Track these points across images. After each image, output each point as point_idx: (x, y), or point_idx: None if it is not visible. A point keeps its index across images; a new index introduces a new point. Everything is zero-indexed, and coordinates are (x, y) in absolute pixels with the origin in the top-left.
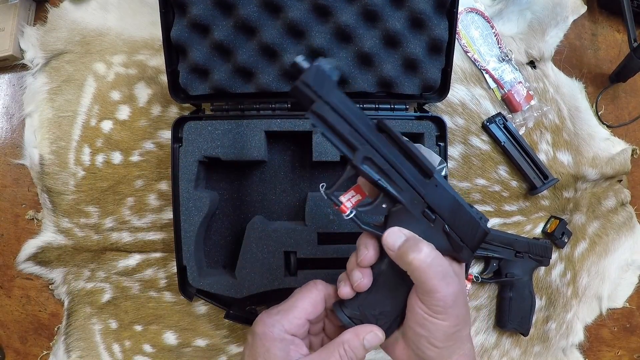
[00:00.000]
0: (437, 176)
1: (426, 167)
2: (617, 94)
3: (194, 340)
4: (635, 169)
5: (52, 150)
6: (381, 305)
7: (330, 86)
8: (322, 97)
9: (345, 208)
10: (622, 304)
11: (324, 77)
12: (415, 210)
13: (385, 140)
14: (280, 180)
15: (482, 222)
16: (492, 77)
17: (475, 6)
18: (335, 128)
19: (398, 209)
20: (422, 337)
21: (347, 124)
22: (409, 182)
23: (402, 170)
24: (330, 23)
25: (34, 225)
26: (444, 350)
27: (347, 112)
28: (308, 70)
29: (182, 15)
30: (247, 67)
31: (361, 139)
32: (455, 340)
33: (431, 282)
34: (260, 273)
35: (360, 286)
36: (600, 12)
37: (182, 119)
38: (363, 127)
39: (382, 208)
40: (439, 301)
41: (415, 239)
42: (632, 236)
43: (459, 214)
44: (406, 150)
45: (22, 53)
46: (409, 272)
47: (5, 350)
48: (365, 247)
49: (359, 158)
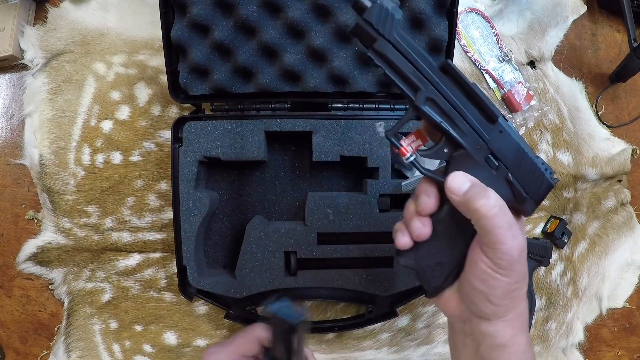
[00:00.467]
0: (501, 121)
1: (491, 111)
2: (617, 94)
3: (194, 340)
4: (635, 169)
5: (52, 150)
6: (438, 256)
7: (393, 24)
8: (384, 35)
9: (405, 151)
10: (622, 304)
11: (387, 15)
12: (478, 156)
13: (449, 81)
14: (280, 180)
15: (547, 174)
16: (492, 77)
17: (475, 6)
18: (397, 67)
19: (460, 154)
20: (480, 293)
21: (410, 64)
22: (472, 126)
23: (466, 113)
24: (330, 23)
25: (34, 225)
26: (500, 309)
27: (410, 51)
28: (371, 8)
29: (182, 15)
30: (247, 67)
31: (424, 79)
32: (512, 299)
33: (498, 231)
34: (260, 273)
35: (421, 235)
36: (600, 12)
37: (182, 119)
38: (426, 67)
39: (444, 152)
40: (505, 254)
41: (480, 185)
42: (632, 236)
43: (524, 163)
44: (471, 93)
45: (22, 53)
46: (474, 220)
47: (5, 350)
48: (426, 195)
49: (422, 99)
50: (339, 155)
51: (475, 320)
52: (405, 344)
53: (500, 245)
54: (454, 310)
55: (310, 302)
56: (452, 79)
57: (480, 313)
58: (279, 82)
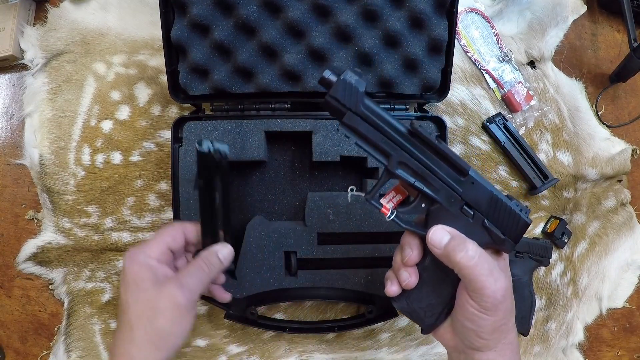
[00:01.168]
0: (472, 174)
1: (461, 166)
2: (617, 94)
3: (194, 340)
4: (635, 169)
5: (52, 150)
6: (427, 299)
7: (359, 97)
8: (351, 109)
9: (386, 210)
10: (622, 304)
11: (351, 89)
12: (453, 207)
13: (418, 144)
14: (280, 180)
15: (522, 214)
16: (492, 77)
17: (475, 6)
18: (367, 137)
19: (436, 207)
20: (470, 330)
21: (379, 132)
22: (444, 182)
23: (437, 171)
24: (330, 23)
25: (34, 225)
26: (490, 342)
27: (378, 120)
28: (335, 84)
29: (182, 15)
30: (247, 67)
31: (393, 145)
32: (500, 332)
33: (480, 278)
34: (260, 273)
35: (409, 285)
36: (600, 12)
37: (182, 119)
38: (395, 133)
39: (422, 207)
40: (489, 297)
41: (460, 237)
42: (632, 236)
43: (498, 208)
44: (440, 152)
45: (22, 53)
46: (457, 270)
47: (5, 350)
48: (409, 247)
49: (394, 163)
50: (339, 155)
51: (469, 351)
52: (405, 344)
53: (484, 290)
54: (450, 342)
55: (310, 302)
56: (421, 141)
57: (472, 346)
58: (279, 82)
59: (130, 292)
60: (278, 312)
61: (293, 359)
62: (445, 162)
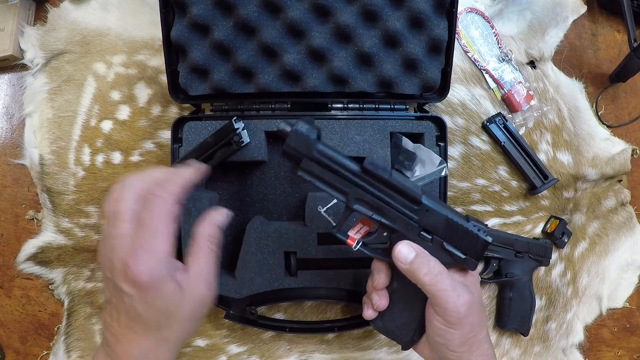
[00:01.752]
0: (425, 201)
1: (413, 196)
2: (617, 94)
3: (194, 340)
4: (635, 169)
5: (52, 150)
6: (400, 318)
7: (311, 144)
8: (306, 155)
9: (351, 242)
10: (622, 304)
11: (303, 138)
12: (411, 234)
13: (371, 180)
14: (280, 180)
15: (480, 234)
16: (492, 77)
17: (475, 6)
18: (323, 179)
19: (397, 234)
20: (441, 344)
21: (334, 173)
22: (400, 212)
23: (392, 202)
24: (330, 23)
25: (34, 225)
26: (463, 354)
27: (331, 163)
28: (290, 135)
29: (182, 15)
30: (247, 67)
31: (348, 183)
32: (471, 345)
33: (443, 294)
34: (260, 273)
35: (380, 307)
36: (600, 12)
37: (182, 119)
38: (348, 173)
39: (384, 236)
40: (452, 312)
41: (424, 254)
42: (632, 236)
43: (455, 231)
44: (392, 185)
45: (22, 53)
46: (421, 286)
47: (5, 350)
48: (377, 272)
49: (352, 200)
50: None
51: None
52: None
53: (447, 305)
54: (429, 356)
55: (310, 302)
56: (373, 177)
57: (446, 359)
58: (279, 82)
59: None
60: (278, 312)
61: (293, 359)
62: (399, 194)
